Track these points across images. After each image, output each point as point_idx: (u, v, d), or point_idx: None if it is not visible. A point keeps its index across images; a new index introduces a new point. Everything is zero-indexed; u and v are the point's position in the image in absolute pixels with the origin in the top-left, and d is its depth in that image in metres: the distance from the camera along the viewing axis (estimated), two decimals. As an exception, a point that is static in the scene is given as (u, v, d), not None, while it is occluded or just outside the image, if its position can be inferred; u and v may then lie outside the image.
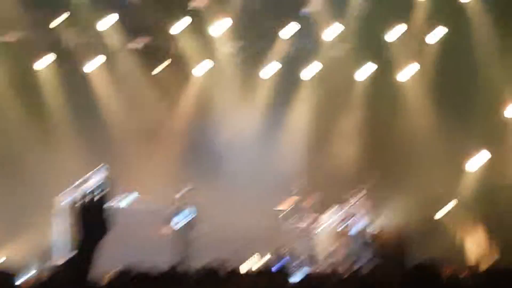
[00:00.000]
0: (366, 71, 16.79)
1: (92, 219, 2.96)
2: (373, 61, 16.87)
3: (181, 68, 16.50)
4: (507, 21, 15.52)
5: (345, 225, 15.53)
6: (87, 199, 3.11)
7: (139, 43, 15.91)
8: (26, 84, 15.60)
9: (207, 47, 16.43)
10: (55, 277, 4.82)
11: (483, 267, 10.53)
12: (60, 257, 12.98)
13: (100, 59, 15.83)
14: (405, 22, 16.40)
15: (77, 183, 14.71)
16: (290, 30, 16.38)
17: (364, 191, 15.51)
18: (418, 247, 12.82)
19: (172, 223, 14.58)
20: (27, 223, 14.91)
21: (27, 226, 14.87)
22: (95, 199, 3.10)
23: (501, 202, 15.58)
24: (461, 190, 16.41)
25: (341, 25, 16.39)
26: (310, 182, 15.54)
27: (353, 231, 15.41)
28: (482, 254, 14.36)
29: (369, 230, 15.44)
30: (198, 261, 10.14)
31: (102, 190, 3.14)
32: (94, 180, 14.73)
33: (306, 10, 16.36)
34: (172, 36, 15.94)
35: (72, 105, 15.98)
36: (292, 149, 16.71)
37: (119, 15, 15.48)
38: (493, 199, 15.79)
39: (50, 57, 15.62)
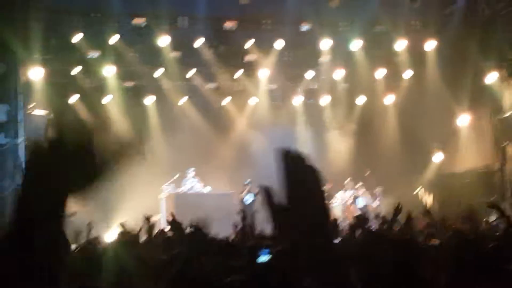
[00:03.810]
0: (360, 100, 21.37)
1: None
2: (364, 94, 21.17)
3: (242, 101, 21.19)
4: (456, 64, 18.42)
5: (352, 201, 19.57)
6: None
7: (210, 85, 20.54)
8: (137, 113, 19.78)
9: (256, 86, 20.91)
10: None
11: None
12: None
13: (186, 98, 20.51)
14: (386, 66, 20.28)
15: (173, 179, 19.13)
16: (310, 74, 20.81)
17: (361, 181, 19.56)
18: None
19: (242, 202, 17.93)
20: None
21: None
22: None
23: (451, 186, 18.48)
24: (427, 177, 19.93)
25: (343, 69, 20.63)
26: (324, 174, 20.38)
27: (359, 205, 19.26)
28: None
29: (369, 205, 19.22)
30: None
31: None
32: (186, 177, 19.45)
33: (320, 59, 20.23)
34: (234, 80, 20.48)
35: (167, 127, 20.31)
36: (310, 154, 20.97)
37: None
38: (446, 184, 18.93)
39: (153, 97, 20.34)
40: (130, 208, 17.62)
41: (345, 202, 19.84)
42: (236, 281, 3.50)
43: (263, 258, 4.66)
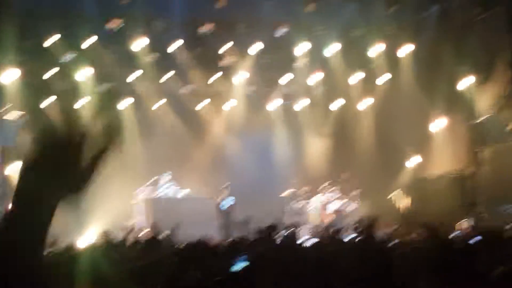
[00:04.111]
0: (337, 104, 21.60)
1: None
2: (341, 97, 21.31)
3: (218, 105, 21.22)
4: (431, 68, 18.52)
5: (327, 205, 19.45)
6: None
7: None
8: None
9: (233, 89, 20.87)
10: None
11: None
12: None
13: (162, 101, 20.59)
14: (363, 70, 20.31)
15: (148, 183, 19.03)
16: (287, 77, 20.90)
17: (337, 185, 19.57)
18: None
19: (220, 207, 18.04)
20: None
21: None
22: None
23: (426, 190, 18.46)
24: (402, 182, 19.87)
25: (321, 73, 20.70)
26: (301, 178, 20.08)
27: (332, 209, 19.24)
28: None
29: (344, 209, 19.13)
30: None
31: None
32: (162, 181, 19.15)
33: (297, 63, 20.14)
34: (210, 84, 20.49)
35: (143, 130, 20.00)
36: (287, 158, 20.94)
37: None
38: (421, 188, 18.81)
39: (129, 100, 20.15)
40: (104, 213, 17.28)
41: (320, 206, 19.76)
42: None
43: (239, 266, 4.59)
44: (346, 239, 8.98)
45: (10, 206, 1.60)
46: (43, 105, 18.88)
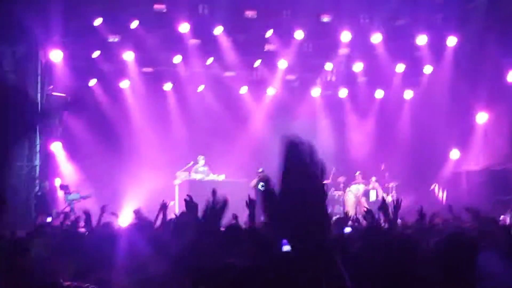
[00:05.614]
0: (378, 93, 21.49)
1: None
2: (383, 88, 21.19)
3: (260, 91, 21.27)
4: (476, 60, 18.33)
5: (363, 195, 19.76)
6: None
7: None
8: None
9: (274, 76, 21.06)
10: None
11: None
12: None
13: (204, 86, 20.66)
14: (406, 61, 20.29)
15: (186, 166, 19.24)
16: (329, 66, 20.96)
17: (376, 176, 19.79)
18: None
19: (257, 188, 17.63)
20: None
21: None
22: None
23: (467, 182, 18.67)
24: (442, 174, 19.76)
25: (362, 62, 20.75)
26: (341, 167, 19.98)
27: (370, 199, 19.51)
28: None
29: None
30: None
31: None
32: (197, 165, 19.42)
33: (340, 51, 20.16)
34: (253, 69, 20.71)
35: (185, 114, 20.62)
36: (330, 145, 20.55)
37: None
38: (462, 181, 18.85)
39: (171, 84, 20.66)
40: (143, 193, 17.81)
41: (357, 195, 19.90)
42: (235, 266, 3.40)
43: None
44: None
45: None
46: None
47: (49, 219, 13.93)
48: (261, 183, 17.41)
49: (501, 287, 4.41)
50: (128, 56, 19.23)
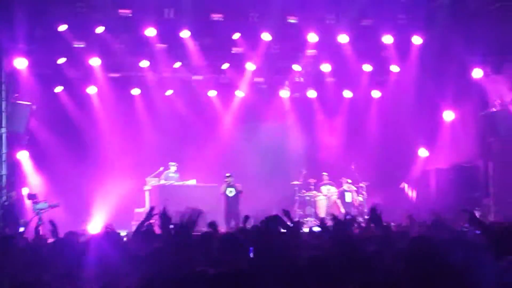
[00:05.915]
0: (346, 94, 21.40)
1: None
2: (351, 88, 21.18)
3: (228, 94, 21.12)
4: (441, 58, 18.56)
5: (338, 196, 19.92)
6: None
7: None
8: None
9: (244, 79, 20.77)
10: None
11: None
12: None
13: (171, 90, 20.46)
14: (373, 61, 20.19)
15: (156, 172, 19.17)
16: (296, 67, 20.72)
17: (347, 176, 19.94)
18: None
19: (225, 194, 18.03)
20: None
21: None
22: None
23: (435, 180, 19.12)
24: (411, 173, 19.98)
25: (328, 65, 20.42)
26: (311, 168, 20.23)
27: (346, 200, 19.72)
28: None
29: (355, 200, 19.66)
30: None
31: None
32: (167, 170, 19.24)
33: (307, 53, 19.90)
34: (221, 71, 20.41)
35: (152, 119, 20.44)
36: (300, 146, 20.95)
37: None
38: (430, 179, 19.19)
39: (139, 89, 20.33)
40: (113, 200, 17.99)
41: (329, 196, 20.02)
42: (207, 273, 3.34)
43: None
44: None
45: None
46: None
47: (21, 229, 13.87)
48: (229, 189, 17.91)
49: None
50: (95, 61, 19.00)
